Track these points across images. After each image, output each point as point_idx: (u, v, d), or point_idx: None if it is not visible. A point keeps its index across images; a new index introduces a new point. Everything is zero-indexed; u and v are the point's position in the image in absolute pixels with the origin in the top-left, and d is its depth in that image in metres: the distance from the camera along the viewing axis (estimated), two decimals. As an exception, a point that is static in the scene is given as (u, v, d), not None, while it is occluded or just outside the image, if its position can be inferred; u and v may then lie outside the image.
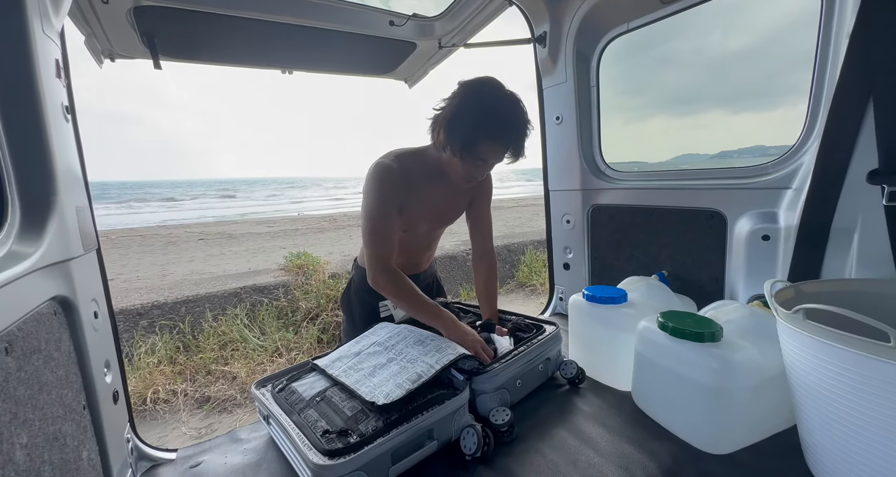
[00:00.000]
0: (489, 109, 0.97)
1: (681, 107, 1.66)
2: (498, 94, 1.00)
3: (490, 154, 1.02)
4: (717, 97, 1.52)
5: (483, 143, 1.00)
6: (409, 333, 1.08)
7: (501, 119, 0.98)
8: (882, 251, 0.80)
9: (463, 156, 1.02)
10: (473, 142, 0.99)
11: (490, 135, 0.98)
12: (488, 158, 1.03)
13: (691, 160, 2.18)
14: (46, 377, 0.59)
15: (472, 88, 1.01)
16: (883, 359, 0.52)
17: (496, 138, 0.99)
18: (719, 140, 1.66)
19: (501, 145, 1.01)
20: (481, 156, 1.02)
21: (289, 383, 1.00)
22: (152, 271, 5.91)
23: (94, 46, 1.52)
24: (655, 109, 1.67)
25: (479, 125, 0.97)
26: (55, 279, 0.66)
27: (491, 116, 0.97)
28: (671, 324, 0.84)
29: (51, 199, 0.66)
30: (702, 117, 1.89)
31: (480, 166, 1.06)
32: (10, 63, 0.63)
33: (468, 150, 1.01)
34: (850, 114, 0.80)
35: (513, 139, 1.01)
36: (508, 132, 1.00)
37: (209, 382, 2.73)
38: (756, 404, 0.78)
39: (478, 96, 0.99)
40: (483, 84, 1.01)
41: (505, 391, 0.98)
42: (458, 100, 1.01)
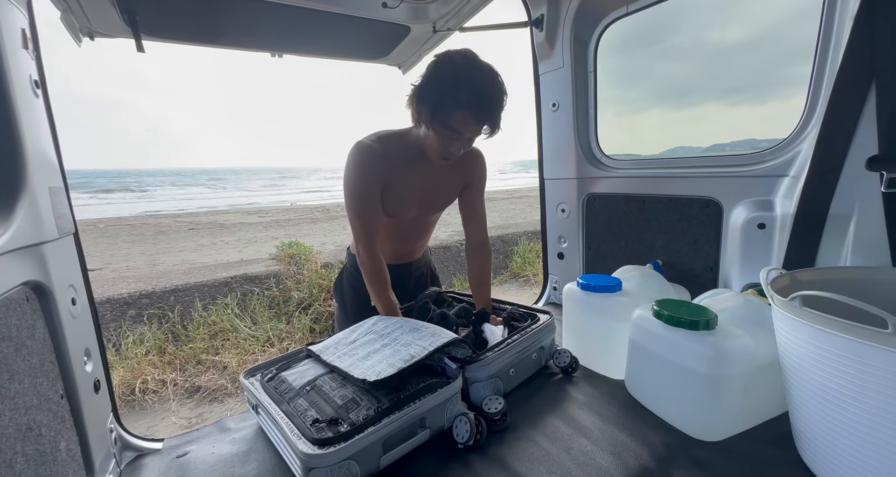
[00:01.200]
0: (461, 79, 0.95)
1: (677, 99, 1.64)
2: (471, 64, 0.97)
3: (463, 125, 0.99)
4: (714, 89, 1.50)
5: (455, 113, 0.97)
6: (405, 322, 1.07)
7: (473, 88, 0.95)
8: (878, 238, 0.80)
9: (434, 127, 1.00)
10: (445, 112, 0.97)
11: (462, 104, 0.95)
12: (461, 130, 1.00)
13: (684, 153, 2.16)
14: (18, 365, 0.56)
15: (445, 59, 0.99)
16: (881, 345, 0.51)
17: (468, 108, 0.96)
18: (713, 133, 1.64)
19: (474, 115, 0.98)
20: (454, 127, 0.99)
21: (279, 372, 0.98)
22: (141, 261, 5.82)
23: (72, 23, 1.44)
24: (651, 102, 1.65)
25: (451, 94, 0.95)
26: (26, 263, 0.62)
27: (463, 85, 0.94)
28: (666, 312, 0.84)
29: (20, 178, 0.63)
30: (698, 109, 1.89)
31: (455, 139, 1.02)
32: None
33: (439, 120, 0.98)
34: (851, 99, 0.79)
35: (486, 109, 0.98)
36: (481, 101, 0.96)
37: (199, 371, 2.70)
38: (749, 392, 0.78)
39: (450, 66, 0.97)
40: (457, 54, 0.99)
41: (498, 380, 0.97)
42: (432, 70, 0.99)
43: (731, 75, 1.44)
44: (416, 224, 1.31)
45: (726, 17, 1.27)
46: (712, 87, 1.51)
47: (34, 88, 0.70)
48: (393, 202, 1.15)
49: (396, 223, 1.24)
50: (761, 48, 1.30)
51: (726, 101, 1.56)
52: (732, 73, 1.44)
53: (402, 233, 1.31)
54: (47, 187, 0.70)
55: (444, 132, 1.01)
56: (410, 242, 1.36)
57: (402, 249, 1.36)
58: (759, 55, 1.33)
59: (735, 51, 1.46)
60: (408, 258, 1.38)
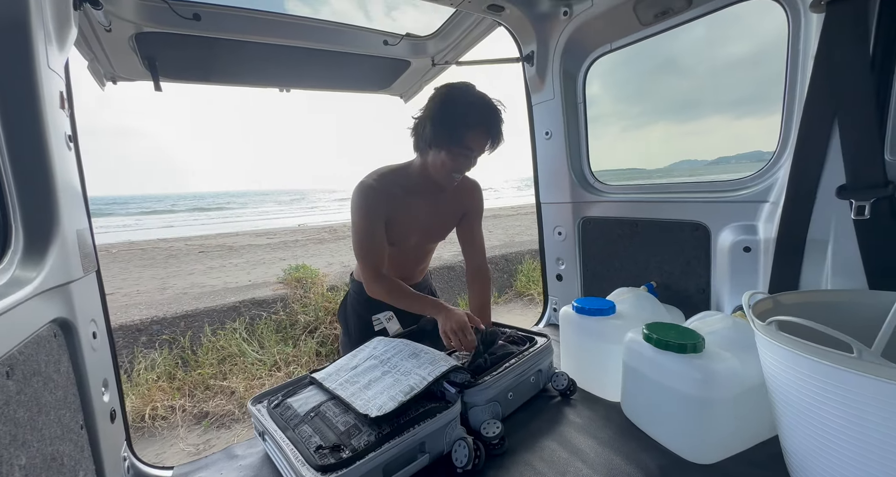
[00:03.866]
0: (469, 103, 1.10)
1: (682, 113, 1.68)
2: (473, 91, 1.13)
3: (475, 142, 1.13)
4: (719, 102, 1.52)
5: (468, 133, 1.11)
6: (405, 346, 1.10)
7: (481, 110, 1.11)
8: (854, 263, 0.83)
9: (451, 147, 1.12)
10: (460, 132, 1.10)
11: (473, 124, 1.10)
12: (473, 147, 1.13)
13: (689, 166, 2.18)
14: (45, 399, 0.61)
15: (447, 90, 1.14)
16: (845, 369, 0.54)
17: (479, 126, 1.11)
18: (719, 146, 1.65)
19: (484, 133, 1.13)
20: (468, 144, 1.12)
21: (284, 399, 1.02)
22: (152, 285, 5.93)
23: (97, 70, 1.57)
24: (656, 116, 1.69)
25: (464, 116, 1.10)
26: (55, 302, 0.68)
27: (471, 108, 1.10)
28: (655, 335, 0.87)
29: (53, 225, 0.69)
30: (703, 123, 1.93)
31: (467, 156, 1.15)
32: (16, 98, 0.66)
33: (456, 140, 1.11)
34: (818, 132, 0.84)
35: (493, 125, 1.13)
36: (489, 120, 1.12)
37: (207, 397, 2.73)
38: (738, 414, 0.80)
39: (458, 93, 1.12)
40: (459, 85, 1.15)
41: (496, 404, 1.00)
42: (441, 99, 1.13)
43: (736, 89, 1.47)
44: (417, 251, 1.38)
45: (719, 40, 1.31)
46: (717, 101, 1.53)
47: (67, 142, 0.78)
48: (396, 233, 1.24)
49: (398, 251, 1.31)
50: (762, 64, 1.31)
51: (732, 114, 1.57)
52: (736, 86, 1.47)
53: (403, 259, 1.37)
54: (75, 230, 0.77)
55: (458, 151, 1.13)
56: (410, 268, 1.43)
57: (403, 274, 1.41)
58: (762, 70, 1.34)
59: (737, 66, 1.48)
60: (409, 282, 1.43)
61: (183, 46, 1.55)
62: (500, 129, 1.15)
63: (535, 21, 1.43)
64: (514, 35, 1.55)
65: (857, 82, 0.77)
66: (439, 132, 1.11)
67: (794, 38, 0.95)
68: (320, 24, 1.62)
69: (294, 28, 1.59)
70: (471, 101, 1.11)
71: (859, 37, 0.76)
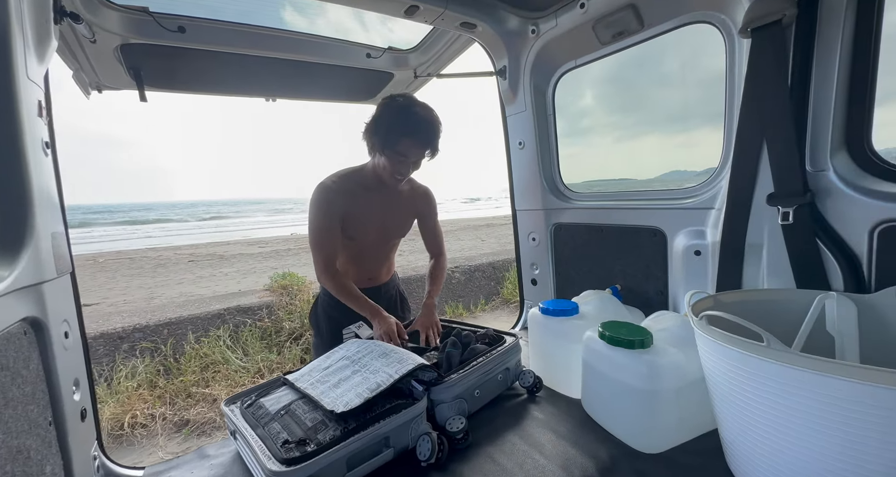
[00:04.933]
0: (406, 113, 1.22)
1: (673, 125, 1.74)
2: (412, 102, 1.24)
3: (409, 150, 1.23)
4: (706, 115, 1.57)
5: (402, 141, 1.22)
6: (376, 347, 1.14)
7: (416, 120, 1.21)
8: (784, 264, 0.90)
9: (386, 152, 1.24)
10: (394, 139, 1.21)
11: (407, 133, 1.21)
12: (408, 154, 1.24)
13: (679, 177, 2.25)
14: (13, 393, 0.64)
15: (392, 100, 1.25)
16: (753, 355, 0.60)
17: (412, 135, 1.22)
18: (708, 157, 1.72)
19: (418, 142, 1.23)
20: (401, 151, 1.23)
21: (257, 399, 1.05)
22: (140, 294, 5.85)
23: (83, 80, 1.61)
24: (648, 127, 1.76)
25: (399, 125, 1.21)
26: (27, 301, 0.72)
27: (407, 118, 1.21)
28: (608, 333, 0.92)
29: (27, 226, 0.73)
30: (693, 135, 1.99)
31: (403, 162, 1.26)
32: None
33: (390, 146, 1.22)
34: (750, 147, 0.92)
35: (426, 136, 1.23)
36: (423, 131, 1.22)
37: (189, 405, 2.70)
38: (682, 405, 0.85)
39: (397, 104, 1.23)
40: (401, 96, 1.26)
41: (462, 401, 1.04)
42: (382, 108, 1.25)
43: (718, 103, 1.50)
44: (377, 249, 1.48)
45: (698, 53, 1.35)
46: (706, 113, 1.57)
47: (44, 149, 0.81)
48: (355, 226, 1.35)
49: (358, 247, 1.41)
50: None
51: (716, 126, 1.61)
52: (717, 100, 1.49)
53: (365, 256, 1.47)
54: (50, 233, 0.80)
55: (394, 157, 1.24)
56: (375, 267, 1.51)
57: (368, 272, 1.50)
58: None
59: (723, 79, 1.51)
60: (376, 281, 1.51)
61: (168, 57, 1.59)
62: (435, 139, 1.25)
63: (506, 38, 1.51)
64: (488, 50, 1.63)
65: (779, 103, 0.85)
66: (379, 139, 1.23)
67: (731, 60, 1.03)
68: (305, 38, 1.68)
69: (279, 41, 1.65)
70: (408, 113, 1.21)
71: (779, 62, 0.84)
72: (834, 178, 0.83)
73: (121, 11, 1.33)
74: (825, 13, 0.80)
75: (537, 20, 1.42)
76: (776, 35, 0.83)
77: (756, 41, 0.87)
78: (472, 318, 4.74)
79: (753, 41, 0.87)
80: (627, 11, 1.16)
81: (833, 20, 0.79)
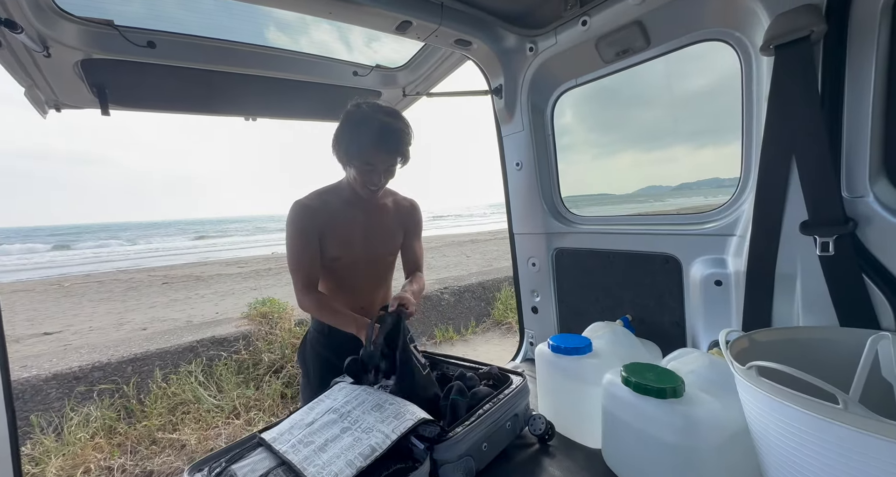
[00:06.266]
0: (368, 121, 1.14)
1: (649, 142, 1.74)
2: (376, 109, 1.18)
3: (375, 158, 1.17)
4: (680, 133, 1.59)
5: (367, 150, 1.15)
6: (368, 396, 1.01)
7: (380, 127, 1.14)
8: (823, 298, 0.82)
9: (354, 163, 1.18)
10: (359, 149, 1.16)
11: (373, 141, 1.14)
12: (375, 162, 1.18)
13: (655, 191, 2.23)
14: None
15: (355, 108, 1.19)
16: (833, 421, 0.50)
17: (377, 144, 1.15)
18: (682, 173, 1.73)
19: (384, 149, 1.17)
20: (367, 160, 1.17)
21: (228, 465, 0.89)
22: (108, 321, 5.47)
23: (37, 97, 1.46)
24: (625, 145, 1.76)
25: (363, 134, 1.14)
26: None
27: (371, 126, 1.14)
28: (634, 379, 0.82)
29: None
30: (668, 152, 2.02)
31: (372, 171, 1.20)
32: None
33: (356, 156, 1.17)
34: (777, 170, 0.86)
35: (393, 144, 1.17)
36: (389, 138, 1.15)
37: (153, 453, 2.42)
38: (724, 462, 0.75)
39: (360, 113, 1.17)
40: (363, 104, 1.20)
41: (470, 459, 0.90)
42: (345, 118, 1.19)
43: (696, 121, 1.52)
44: (367, 270, 1.35)
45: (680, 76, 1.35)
46: (680, 131, 1.59)
47: None
48: (337, 243, 1.27)
49: (345, 269, 1.31)
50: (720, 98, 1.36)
51: (693, 144, 1.63)
52: (696, 118, 1.52)
53: (356, 280, 1.34)
54: None
55: (362, 167, 1.18)
56: (367, 293, 1.37)
57: (361, 300, 1.35)
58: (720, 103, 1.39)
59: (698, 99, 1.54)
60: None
61: (136, 74, 1.47)
62: (402, 145, 1.19)
63: (503, 56, 1.45)
64: (483, 69, 1.57)
65: (810, 123, 0.79)
66: (344, 150, 1.18)
67: (748, 78, 0.98)
68: (287, 54, 1.59)
69: (259, 58, 1.55)
70: (371, 121, 1.14)
71: (808, 80, 0.78)
72: (875, 205, 0.76)
73: (81, 24, 1.21)
74: (856, 27, 0.76)
75: (535, 38, 1.37)
76: (804, 52, 0.77)
77: (781, 59, 0.81)
78: (462, 342, 4.58)
79: (777, 59, 0.82)
80: (633, 29, 1.11)
81: (865, 34, 0.75)
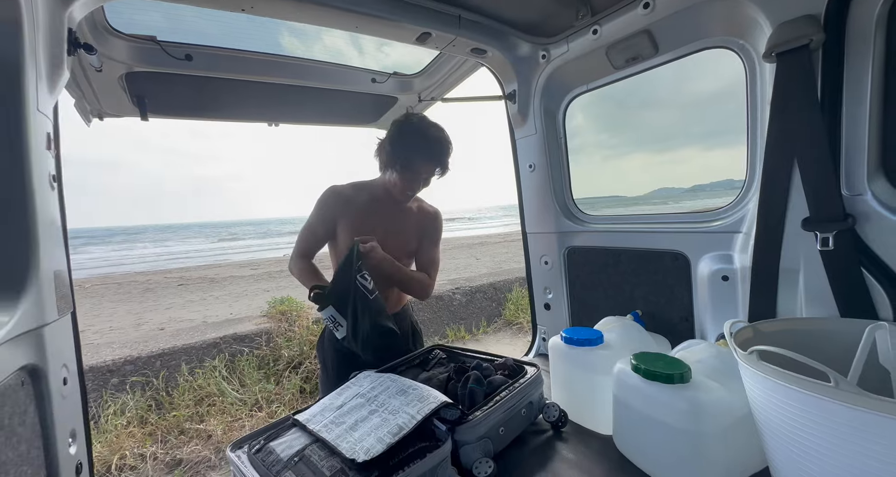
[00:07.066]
0: (421, 134, 1.29)
1: (658, 143, 1.77)
2: (427, 123, 1.32)
3: (422, 167, 1.31)
4: (691, 135, 1.61)
5: (416, 159, 1.29)
6: (392, 382, 1.08)
7: (430, 140, 1.29)
8: (825, 291, 0.87)
9: (400, 169, 1.30)
10: (409, 158, 1.29)
11: (422, 152, 1.29)
12: (421, 171, 1.32)
13: (667, 194, 2.22)
14: (6, 455, 0.57)
15: (406, 120, 1.33)
16: (824, 397, 0.55)
17: (426, 154, 1.29)
18: (694, 175, 1.72)
19: (431, 160, 1.31)
20: (416, 170, 1.31)
21: (266, 443, 0.97)
22: (127, 321, 5.68)
23: (84, 108, 1.58)
24: (635, 146, 1.78)
25: (414, 145, 1.28)
26: (26, 348, 0.65)
27: (421, 138, 1.28)
28: (643, 366, 0.87)
29: (30, 267, 0.68)
30: (678, 153, 2.00)
31: (415, 179, 1.33)
32: (3, 139, 0.66)
33: (404, 165, 1.29)
34: (780, 169, 0.90)
35: (440, 156, 1.31)
36: (436, 150, 1.30)
37: (182, 442, 2.55)
38: (729, 445, 0.80)
39: (412, 125, 1.31)
40: (415, 116, 1.35)
41: (488, 441, 0.97)
42: (398, 128, 1.32)
43: (708, 123, 1.55)
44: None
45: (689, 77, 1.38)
46: (690, 132, 1.60)
47: (51, 182, 0.77)
48: (351, 232, 1.36)
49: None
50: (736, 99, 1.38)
51: (704, 145, 1.63)
52: (709, 121, 1.54)
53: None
54: (53, 271, 0.75)
55: (407, 175, 1.31)
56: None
57: None
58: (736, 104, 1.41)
59: (710, 101, 1.56)
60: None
61: (173, 84, 1.58)
62: (446, 158, 1.32)
63: (516, 63, 1.52)
64: (497, 75, 1.64)
65: (810, 126, 0.84)
66: (392, 157, 1.30)
67: (752, 83, 1.03)
68: (310, 63, 1.69)
69: (284, 67, 1.65)
70: (421, 134, 1.28)
71: (808, 85, 0.83)
72: (873, 203, 0.81)
73: (129, 41, 1.31)
74: (853, 36, 0.80)
75: (548, 46, 1.43)
76: (803, 59, 0.82)
77: (782, 66, 0.86)
78: (474, 341, 4.64)
79: (779, 66, 0.87)
80: (642, 37, 1.17)
81: (862, 43, 0.79)
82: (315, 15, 1.15)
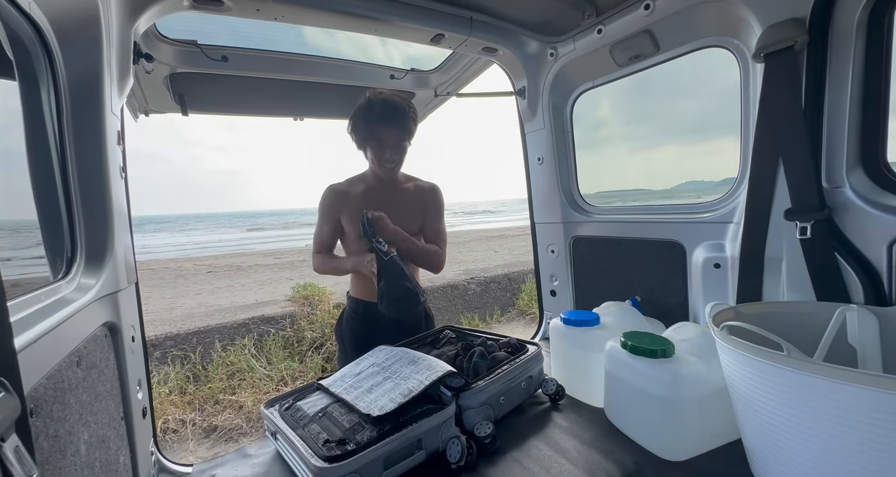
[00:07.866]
0: (369, 103, 1.33)
1: (691, 135, 1.73)
2: (380, 93, 1.36)
3: (382, 133, 1.34)
4: (722, 126, 1.55)
5: (375, 127, 1.33)
6: (405, 354, 1.20)
7: (383, 106, 1.32)
8: (804, 277, 0.93)
9: (368, 143, 1.36)
10: (368, 128, 1.33)
11: (378, 118, 1.32)
12: (381, 137, 1.35)
13: (696, 187, 2.17)
14: (99, 389, 0.72)
15: (364, 98, 1.37)
16: (777, 365, 0.63)
17: (382, 120, 1.32)
18: (726, 167, 1.70)
19: (389, 124, 1.33)
20: (374, 135, 1.34)
21: (294, 402, 1.11)
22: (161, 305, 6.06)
23: (133, 106, 1.76)
24: (665, 138, 1.75)
25: (369, 114, 1.32)
26: (107, 308, 0.81)
27: (373, 107, 1.32)
28: (630, 342, 0.96)
29: (108, 242, 0.82)
30: (712, 144, 1.95)
31: (380, 146, 1.36)
32: (87, 136, 0.81)
33: (364, 134, 1.35)
34: (766, 164, 0.96)
35: (396, 119, 1.33)
36: (391, 115, 1.32)
37: (217, 411, 2.80)
38: (705, 413, 0.88)
39: (366, 99, 1.35)
40: (370, 90, 1.39)
41: (489, 407, 1.08)
42: (356, 106, 1.38)
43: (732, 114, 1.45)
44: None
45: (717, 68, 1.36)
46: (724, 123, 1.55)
47: (121, 173, 0.92)
48: (356, 223, 1.39)
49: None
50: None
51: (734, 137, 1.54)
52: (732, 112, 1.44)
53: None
54: (122, 245, 0.90)
55: (373, 144, 1.35)
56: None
57: None
58: None
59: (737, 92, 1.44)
60: None
61: (210, 83, 1.74)
62: (406, 120, 1.34)
63: (526, 60, 1.59)
64: (507, 72, 1.71)
65: (794, 123, 0.89)
66: (356, 136, 1.37)
67: (745, 82, 1.08)
68: (333, 62, 1.81)
69: (309, 66, 1.77)
70: (369, 103, 1.32)
71: (793, 84, 0.88)
72: (850, 195, 0.86)
73: (173, 45, 1.46)
74: (836, 38, 0.85)
75: (556, 44, 1.50)
76: (789, 60, 0.88)
77: (770, 65, 0.92)
78: (487, 328, 4.76)
79: (767, 65, 0.92)
80: (644, 36, 1.22)
81: (844, 44, 0.84)
82: (337, 21, 1.26)
